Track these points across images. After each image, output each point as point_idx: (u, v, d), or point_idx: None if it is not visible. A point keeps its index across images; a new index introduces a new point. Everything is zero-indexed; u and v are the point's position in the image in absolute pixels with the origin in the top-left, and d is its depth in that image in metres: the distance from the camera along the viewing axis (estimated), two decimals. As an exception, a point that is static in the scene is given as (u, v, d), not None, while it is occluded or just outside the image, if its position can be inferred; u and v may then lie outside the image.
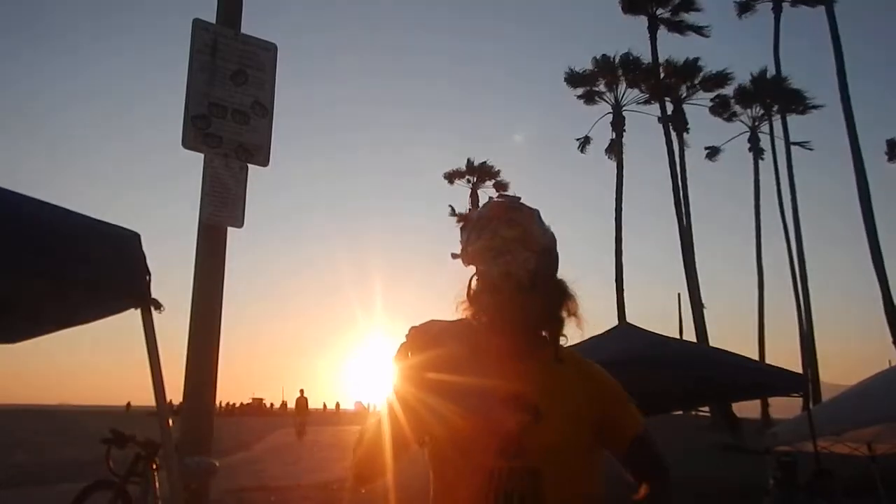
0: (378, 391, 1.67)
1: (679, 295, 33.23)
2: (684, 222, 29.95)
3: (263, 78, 5.87)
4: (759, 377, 8.46)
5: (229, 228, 5.59)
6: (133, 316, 2.73)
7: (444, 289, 1.80)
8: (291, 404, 36.68)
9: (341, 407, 68.65)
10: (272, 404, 73.89)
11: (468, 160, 44.74)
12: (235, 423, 43.53)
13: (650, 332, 9.39)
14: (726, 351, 9.12)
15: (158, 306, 2.71)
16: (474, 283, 1.67)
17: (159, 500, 4.61)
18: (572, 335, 1.70)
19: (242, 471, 13.42)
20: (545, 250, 1.65)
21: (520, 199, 1.70)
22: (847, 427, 9.45)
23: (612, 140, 33.80)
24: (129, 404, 62.48)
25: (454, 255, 1.71)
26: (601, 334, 9.46)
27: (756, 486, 7.00)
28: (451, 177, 44.71)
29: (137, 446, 4.86)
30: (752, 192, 33.97)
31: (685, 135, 32.82)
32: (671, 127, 31.50)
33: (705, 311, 29.49)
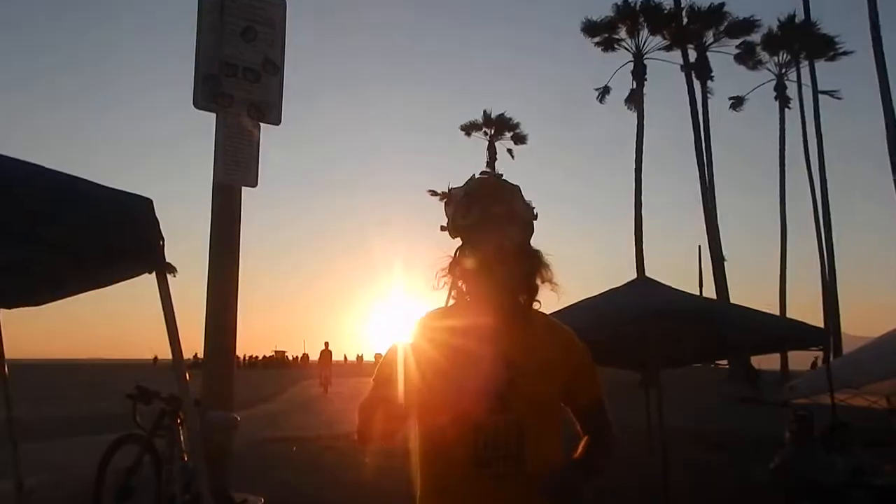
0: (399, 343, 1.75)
1: (699, 248, 32.99)
2: (706, 173, 29.55)
3: (273, 34, 5.80)
4: (777, 331, 8.41)
5: (245, 188, 5.62)
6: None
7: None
8: (313, 357, 36.61)
9: (363, 359, 69.72)
10: (294, 357, 75.13)
11: (485, 112, 44.21)
12: (258, 375, 44.48)
13: (668, 286, 9.36)
14: (743, 306, 9.08)
15: (172, 270, 2.75)
16: (460, 254, 1.78)
17: (185, 452, 4.75)
18: (550, 298, 1.84)
19: (264, 422, 13.76)
20: (528, 224, 1.80)
21: (503, 175, 1.87)
22: (866, 380, 9.46)
23: (632, 90, 33.21)
24: (156, 358, 63.79)
25: (443, 228, 1.83)
26: (618, 287, 9.46)
27: (773, 439, 7.05)
28: (468, 129, 44.27)
29: (162, 402, 4.98)
30: (777, 142, 33.36)
31: (709, 83, 32.10)
32: (694, 75, 30.83)
33: (726, 264, 29.37)
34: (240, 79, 5.64)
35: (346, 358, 77.17)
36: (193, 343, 5.15)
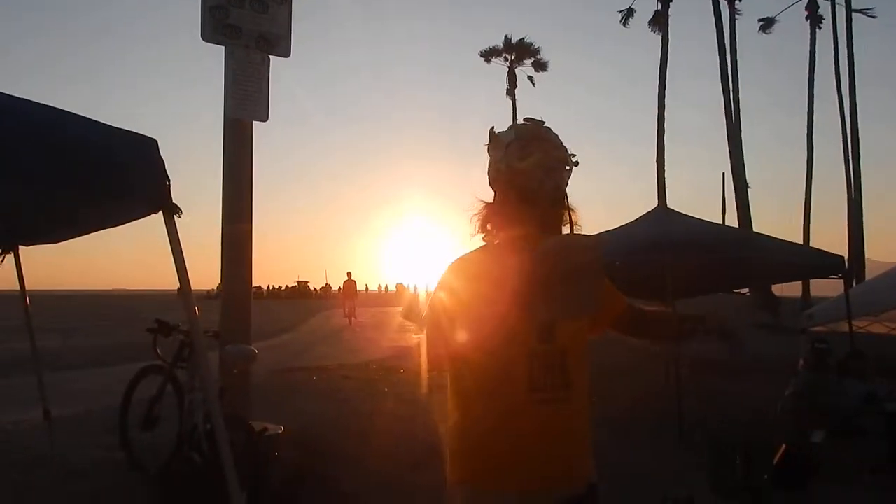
0: (419, 272, 1.92)
1: (724, 174, 32.42)
2: (731, 99, 28.75)
3: (280, -39, 5.65)
4: (794, 259, 8.36)
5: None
6: (181, 199, 2.84)
7: (482, 171, 1.99)
8: (335, 287, 36.89)
9: (384, 289, 70.56)
10: (315, 289, 76.20)
11: (506, 37, 43.01)
12: (280, 306, 45.29)
13: (687, 215, 9.28)
14: (762, 234, 8.99)
15: (178, 211, 2.78)
16: (503, 197, 1.89)
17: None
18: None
19: (285, 352, 14.08)
20: (571, 169, 1.91)
21: (545, 123, 1.91)
22: (885, 307, 9.42)
23: (656, 11, 32.03)
24: (179, 288, 65.01)
25: (492, 174, 1.91)
26: (638, 218, 9.40)
27: (790, 366, 7.10)
28: (487, 55, 43.22)
29: (181, 335, 5.09)
30: (807, 65, 32.18)
31: (737, 3, 30.83)
32: (721, -5, 29.60)
33: (750, 190, 28.89)
34: (247, 9, 5.53)
35: (367, 288, 78.34)
36: (214, 275, 5.28)
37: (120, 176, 2.62)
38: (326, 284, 67.98)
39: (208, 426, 4.71)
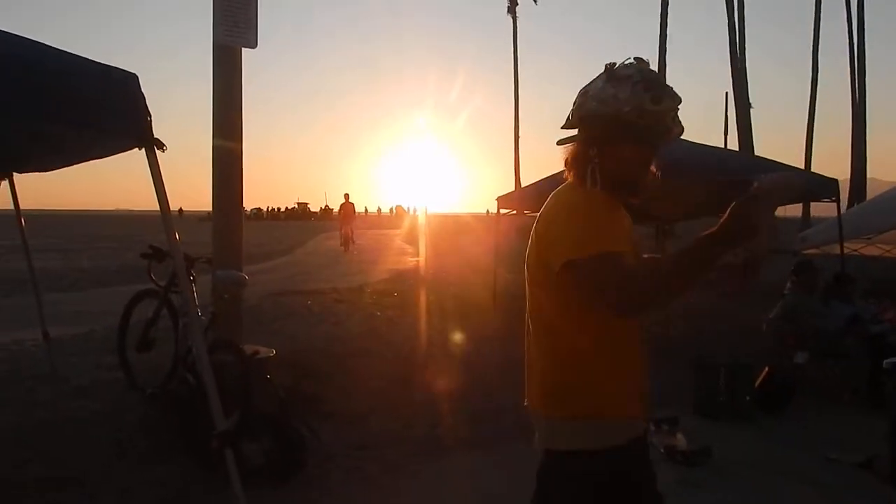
0: (418, 194, 1.81)
1: (727, 94, 31.87)
2: (734, 16, 27.96)
3: None
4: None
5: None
6: (181, 117, 2.85)
7: (489, 85, 1.89)
8: (335, 209, 35.58)
9: (382, 211, 70.60)
10: (312, 211, 76.30)
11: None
12: (279, 228, 45.46)
13: (682, 139, 9.18)
14: (754, 156, 8.93)
15: (161, 146, 2.77)
16: (605, 135, 1.79)
17: (198, 307, 4.96)
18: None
19: (281, 275, 14.18)
20: None
21: None
22: (879, 229, 9.45)
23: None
24: (181, 210, 65.17)
25: (618, 112, 1.76)
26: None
27: (782, 288, 7.17)
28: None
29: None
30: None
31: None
32: None
33: (752, 111, 28.49)
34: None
35: (366, 210, 78.30)
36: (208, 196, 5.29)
37: (100, 110, 2.62)
38: (326, 206, 67.96)
39: (202, 348, 4.83)
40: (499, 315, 9.12)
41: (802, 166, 25.98)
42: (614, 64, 1.82)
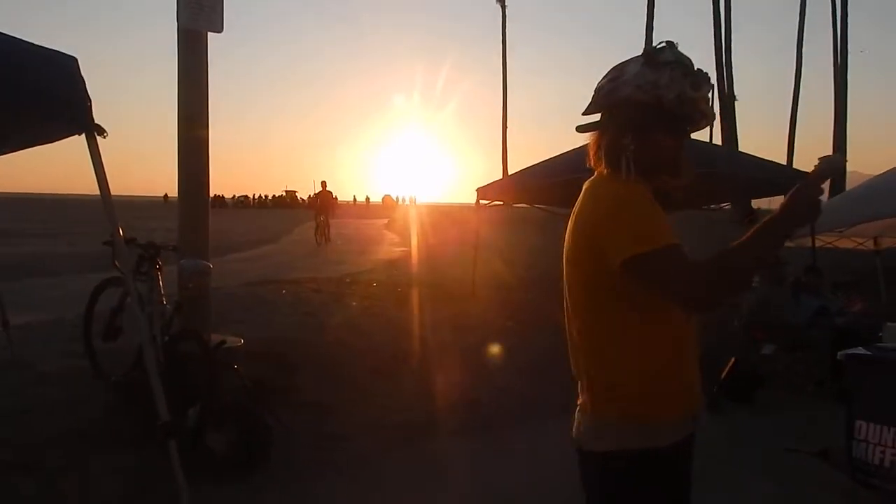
0: (407, 183, 1.75)
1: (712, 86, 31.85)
2: (720, 6, 28.03)
3: None
4: (762, 174, 8.38)
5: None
6: (166, 99, 2.84)
7: (477, 75, 1.86)
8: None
9: (371, 200, 70.31)
10: (303, 198, 75.91)
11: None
12: (266, 215, 45.18)
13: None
14: (730, 149, 8.97)
15: (102, 132, 2.74)
16: (638, 123, 1.73)
17: (163, 296, 4.95)
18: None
19: (261, 265, 14.10)
20: None
21: None
22: (852, 222, 9.49)
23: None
24: (166, 196, 64.61)
25: (645, 98, 1.72)
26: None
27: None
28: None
29: (139, 248, 5.10)
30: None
31: None
32: None
33: (736, 103, 28.63)
34: None
35: (354, 199, 78.00)
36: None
37: (40, 95, 2.58)
38: (315, 194, 67.47)
39: (166, 338, 4.82)
40: (478, 305, 9.16)
41: (784, 160, 26.17)
42: (655, 47, 1.75)
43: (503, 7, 42.09)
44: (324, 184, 23.12)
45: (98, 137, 2.71)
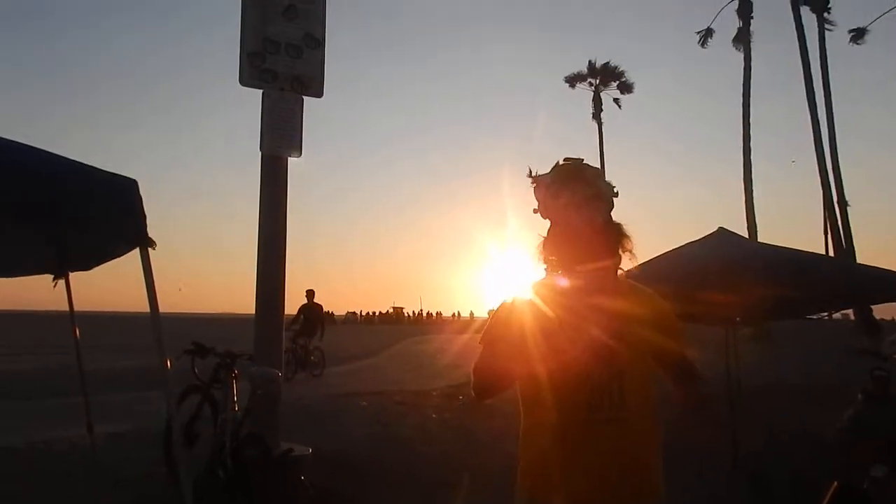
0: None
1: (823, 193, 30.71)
2: (816, 117, 27.34)
3: (313, 10, 6.04)
4: (861, 281, 7.95)
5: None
6: (228, 225, 3.12)
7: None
8: (432, 312, 34.21)
9: (475, 315, 70.59)
10: (408, 314, 77.48)
11: (590, 62, 42.70)
12: (372, 331, 46.10)
13: (744, 238, 9.02)
14: (824, 256, 8.59)
15: (153, 244, 3.07)
16: (552, 231, 2.03)
17: (236, 403, 5.21)
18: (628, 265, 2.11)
19: (353, 378, 14.30)
20: (610, 201, 2.04)
21: (584, 160, 2.07)
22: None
23: (739, 28, 31.05)
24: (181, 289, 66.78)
25: (535, 211, 2.07)
26: (696, 240, 9.23)
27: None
28: (572, 81, 43.04)
29: (217, 357, 5.46)
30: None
31: (825, 14, 29.42)
32: (808, 6, 28.39)
33: (849, 209, 27.30)
34: (282, 55, 5.92)
35: (458, 314, 78.85)
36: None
37: (103, 219, 2.92)
38: (421, 310, 68.63)
39: (235, 444, 5.03)
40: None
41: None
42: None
43: (599, 124, 42.85)
44: (310, 293, 16.24)
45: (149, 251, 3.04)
